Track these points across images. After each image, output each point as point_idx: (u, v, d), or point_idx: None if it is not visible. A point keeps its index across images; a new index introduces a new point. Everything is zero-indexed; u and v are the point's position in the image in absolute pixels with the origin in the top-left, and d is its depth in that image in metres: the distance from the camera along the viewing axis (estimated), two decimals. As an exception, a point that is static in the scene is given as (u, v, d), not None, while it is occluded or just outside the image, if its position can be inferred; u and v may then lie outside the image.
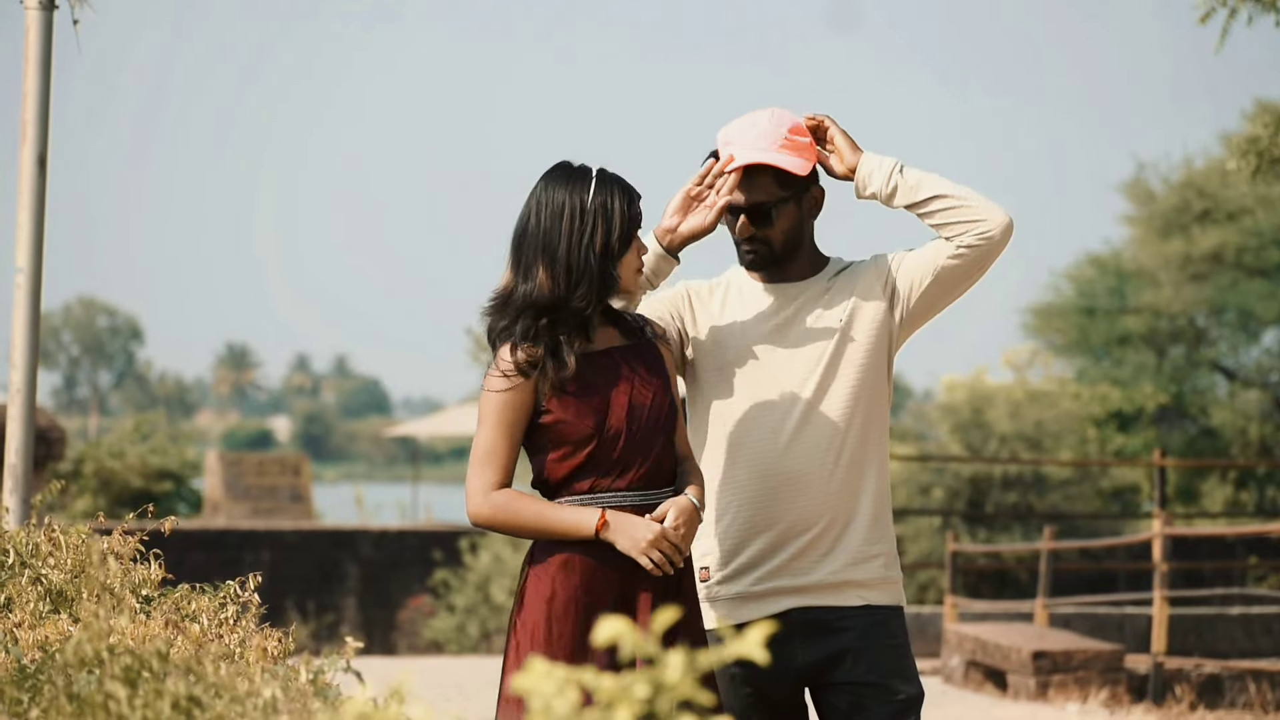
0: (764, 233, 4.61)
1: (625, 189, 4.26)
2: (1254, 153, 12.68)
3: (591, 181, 4.24)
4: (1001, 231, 4.57)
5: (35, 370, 6.30)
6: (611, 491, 4.23)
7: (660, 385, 4.30)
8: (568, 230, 4.19)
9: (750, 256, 4.64)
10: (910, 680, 4.59)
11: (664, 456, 4.30)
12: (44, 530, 4.43)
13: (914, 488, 21.57)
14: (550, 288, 4.19)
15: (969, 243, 4.57)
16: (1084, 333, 31.18)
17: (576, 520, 4.19)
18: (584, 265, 4.19)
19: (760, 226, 4.60)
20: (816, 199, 4.68)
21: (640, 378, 4.29)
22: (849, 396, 4.61)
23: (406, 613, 21.49)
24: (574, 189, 4.23)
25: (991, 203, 4.59)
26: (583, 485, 4.24)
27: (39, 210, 6.28)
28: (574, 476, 4.25)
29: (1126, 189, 31.26)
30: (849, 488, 4.60)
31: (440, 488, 67.94)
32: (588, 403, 4.22)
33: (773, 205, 4.59)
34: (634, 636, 2.07)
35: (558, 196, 4.22)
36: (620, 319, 4.34)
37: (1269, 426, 29.82)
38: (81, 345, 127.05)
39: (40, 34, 6.33)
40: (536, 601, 4.21)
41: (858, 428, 4.62)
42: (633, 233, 4.26)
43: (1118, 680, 12.82)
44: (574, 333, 4.20)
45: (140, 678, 3.04)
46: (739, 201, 4.59)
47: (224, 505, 26.74)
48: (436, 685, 14.07)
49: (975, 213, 4.56)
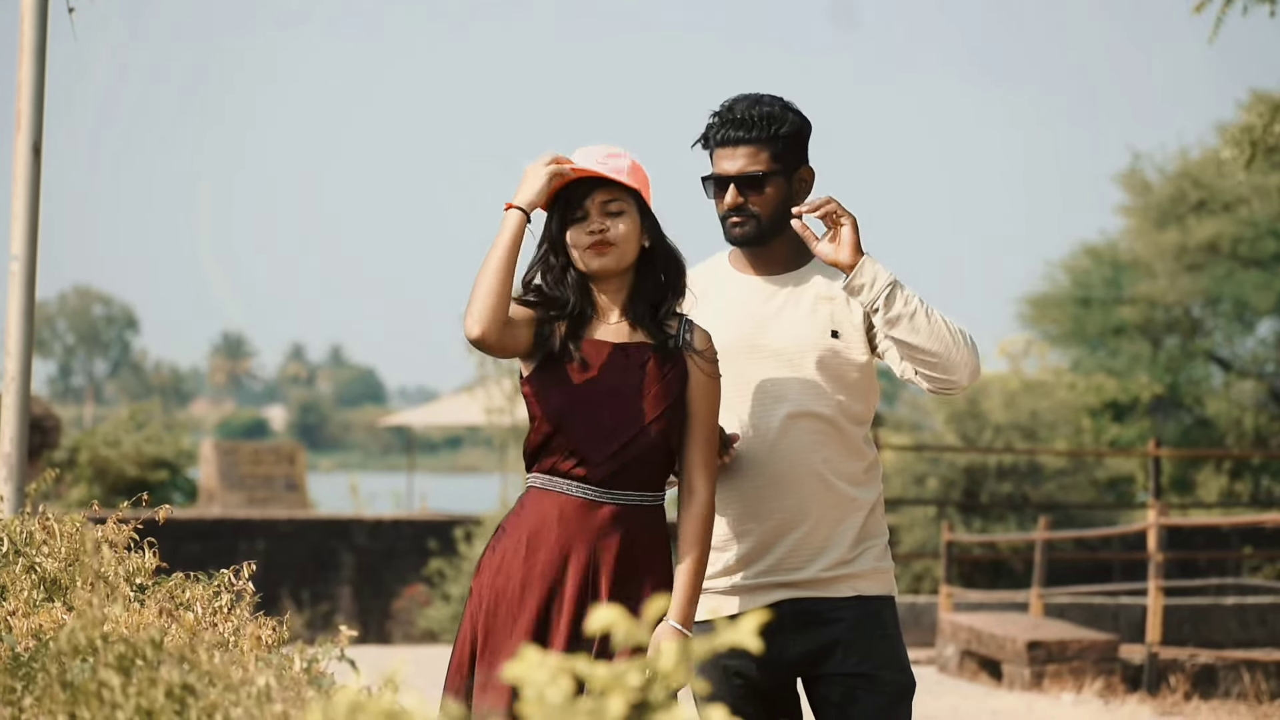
0: (753, 202, 4.58)
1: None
2: (1249, 142, 12.68)
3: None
4: (965, 385, 4.55)
5: (30, 359, 6.30)
6: (570, 478, 4.22)
7: (660, 391, 4.26)
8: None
9: (736, 230, 4.59)
10: (902, 670, 4.59)
11: (651, 464, 4.24)
12: (38, 519, 4.43)
13: (909, 477, 21.57)
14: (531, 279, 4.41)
15: (928, 387, 4.57)
16: (1079, 323, 31.18)
17: (504, 227, 4.21)
18: (535, 255, 4.38)
19: (749, 194, 4.57)
20: (805, 180, 4.64)
21: (639, 378, 4.26)
22: (835, 392, 4.60)
23: (401, 602, 21.49)
24: None
25: (963, 354, 4.49)
26: (545, 464, 4.26)
27: (34, 199, 6.27)
28: (539, 452, 4.27)
29: (1122, 179, 31.25)
30: (840, 487, 4.59)
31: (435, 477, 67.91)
32: (563, 384, 4.24)
33: (764, 175, 4.57)
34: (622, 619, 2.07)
35: None
36: (654, 319, 4.33)
37: (1264, 417, 29.82)
38: (77, 334, 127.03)
39: (35, 22, 6.32)
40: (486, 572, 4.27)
41: (845, 422, 4.61)
42: (562, 220, 4.34)
43: (1112, 670, 12.83)
44: (560, 317, 4.29)
45: (134, 666, 3.04)
46: (728, 171, 4.58)
47: (219, 494, 26.72)
48: (431, 674, 14.03)
49: (945, 369, 4.50)
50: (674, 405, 4.26)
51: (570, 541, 4.20)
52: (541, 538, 4.21)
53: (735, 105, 4.60)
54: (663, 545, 4.29)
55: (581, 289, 4.31)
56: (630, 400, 4.23)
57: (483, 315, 4.11)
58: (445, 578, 21.25)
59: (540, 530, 4.21)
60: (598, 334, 4.30)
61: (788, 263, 4.65)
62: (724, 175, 4.57)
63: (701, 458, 4.30)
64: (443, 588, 21.22)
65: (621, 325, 4.31)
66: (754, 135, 4.55)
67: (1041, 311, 31.79)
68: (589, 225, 4.28)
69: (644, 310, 4.32)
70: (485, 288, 4.13)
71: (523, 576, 4.19)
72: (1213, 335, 31.71)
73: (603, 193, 4.28)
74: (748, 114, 4.56)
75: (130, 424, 25.32)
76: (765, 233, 4.59)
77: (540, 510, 4.23)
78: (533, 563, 4.20)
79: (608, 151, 4.30)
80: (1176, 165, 30.63)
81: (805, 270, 4.65)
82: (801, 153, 4.62)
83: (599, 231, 4.26)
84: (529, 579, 4.19)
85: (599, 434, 4.21)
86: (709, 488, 4.31)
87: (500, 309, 4.13)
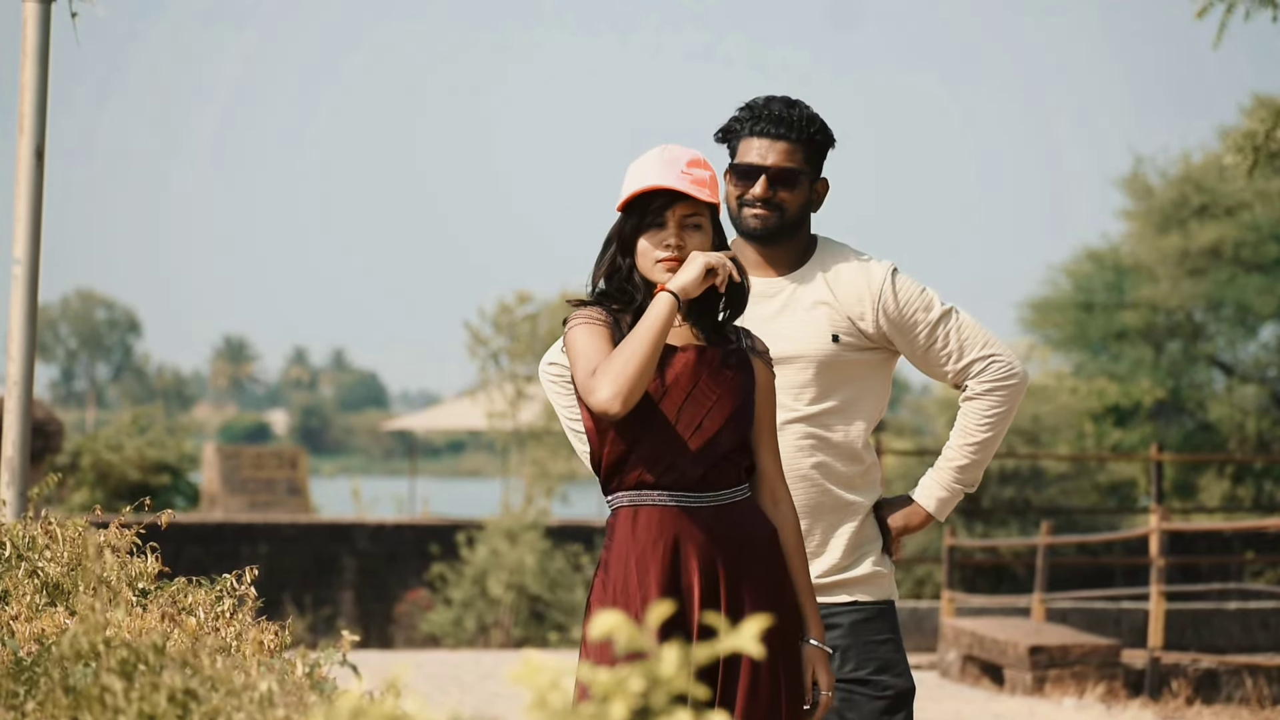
0: (783, 196, 4.60)
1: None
2: (1251, 147, 12.66)
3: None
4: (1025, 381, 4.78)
5: (33, 363, 6.30)
6: (660, 488, 4.08)
7: (734, 390, 4.14)
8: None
9: (757, 220, 4.62)
10: (901, 675, 4.60)
11: (735, 461, 4.13)
12: (41, 523, 4.43)
13: (910, 482, 21.51)
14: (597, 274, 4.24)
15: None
16: (1081, 327, 31.19)
17: (656, 309, 4.04)
18: (600, 255, 4.22)
19: (779, 188, 4.60)
20: (820, 191, 4.70)
21: (713, 378, 4.14)
22: (832, 396, 4.60)
23: (403, 606, 21.49)
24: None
25: (1017, 400, 4.72)
26: (630, 479, 4.10)
27: (36, 202, 6.28)
28: (620, 467, 4.11)
29: (1125, 184, 31.27)
30: (831, 490, 4.60)
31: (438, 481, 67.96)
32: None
33: (797, 172, 4.61)
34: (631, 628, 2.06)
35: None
36: (715, 325, 4.21)
37: (1266, 421, 29.82)
38: (79, 338, 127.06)
39: (38, 26, 6.33)
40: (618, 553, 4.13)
41: (841, 426, 4.61)
42: (637, 225, 4.17)
43: (1114, 675, 12.83)
44: (624, 313, 4.16)
45: (136, 671, 3.04)
46: (763, 162, 4.61)
47: (221, 498, 26.73)
48: (433, 679, 14.07)
49: (1010, 417, 4.76)
50: (745, 406, 4.15)
51: (679, 548, 4.07)
52: (649, 556, 4.07)
53: (771, 103, 4.65)
54: (768, 529, 4.17)
55: (647, 290, 4.17)
56: (707, 400, 4.11)
57: (629, 395, 3.98)
58: (447, 582, 21.25)
59: (645, 550, 4.08)
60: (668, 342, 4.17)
61: (791, 265, 4.67)
62: (759, 165, 4.60)
63: (776, 465, 4.21)
64: (445, 592, 21.22)
65: (683, 329, 4.19)
66: (793, 134, 4.61)
67: (1043, 316, 31.81)
68: (665, 237, 4.13)
69: (705, 319, 4.20)
70: (635, 368, 3.97)
71: (641, 600, 4.06)
72: (1215, 340, 31.71)
73: (685, 205, 4.13)
74: (786, 113, 4.62)
75: (132, 428, 25.32)
76: (785, 228, 4.63)
77: (638, 529, 4.09)
78: (648, 584, 4.06)
79: (690, 158, 4.16)
80: (1179, 169, 30.64)
81: (805, 271, 4.66)
82: (822, 163, 4.69)
83: (675, 248, 4.13)
84: (649, 601, 4.06)
85: (684, 436, 4.08)
86: (789, 493, 4.23)
87: (643, 388, 4.01)
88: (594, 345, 4.07)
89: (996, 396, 4.66)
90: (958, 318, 4.66)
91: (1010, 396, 4.67)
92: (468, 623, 20.92)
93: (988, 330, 4.72)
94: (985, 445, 4.67)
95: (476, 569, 21.00)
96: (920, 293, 4.64)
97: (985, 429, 4.66)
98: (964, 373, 4.67)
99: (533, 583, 20.90)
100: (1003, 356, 4.68)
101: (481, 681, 14.03)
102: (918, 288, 4.65)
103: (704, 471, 4.08)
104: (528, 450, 23.00)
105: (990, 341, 4.69)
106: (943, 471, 4.70)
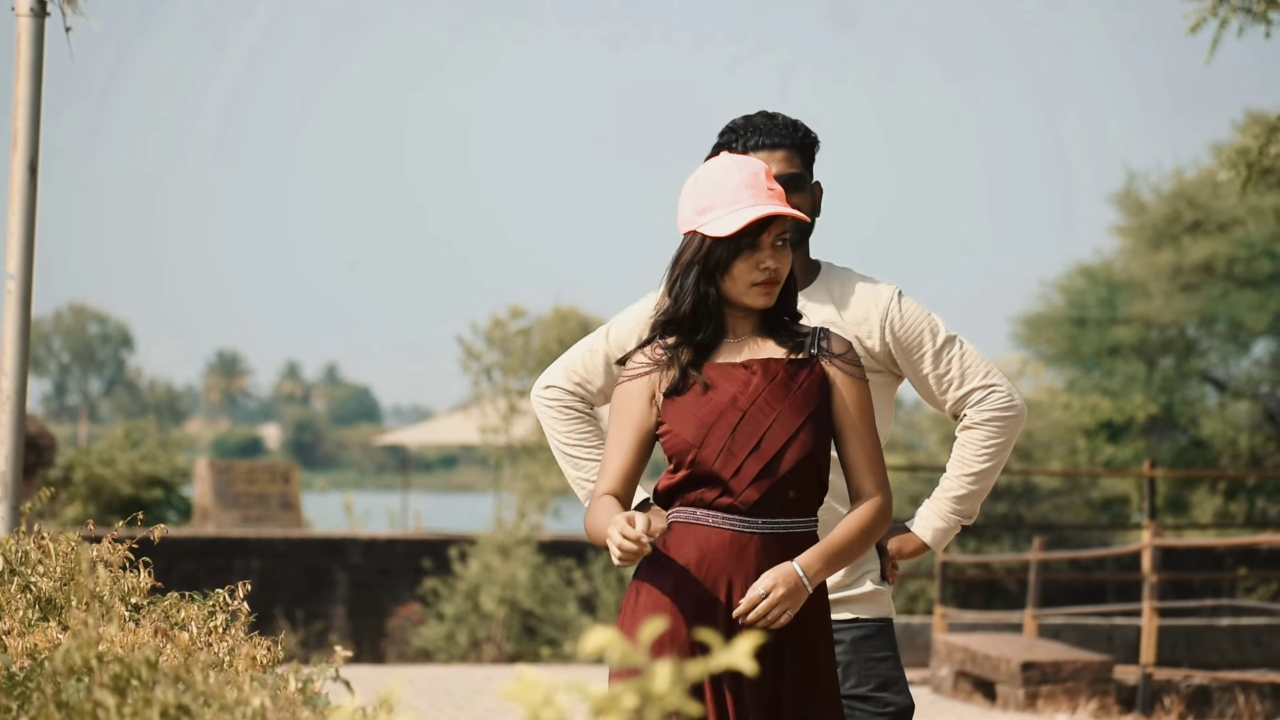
0: (795, 203, 4.56)
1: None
2: (1244, 164, 12.69)
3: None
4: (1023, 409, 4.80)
5: (25, 377, 6.30)
6: (714, 509, 3.94)
7: (798, 403, 3.98)
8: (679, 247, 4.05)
9: None
10: (901, 692, 4.60)
11: (799, 483, 3.97)
12: (33, 538, 4.43)
13: (904, 498, 21.56)
14: (666, 305, 4.04)
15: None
16: (1074, 343, 31.23)
17: (594, 523, 3.96)
18: (678, 281, 4.02)
19: (791, 195, 4.56)
20: (817, 193, 4.71)
21: (773, 393, 3.98)
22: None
23: (396, 621, 21.48)
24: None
25: (1016, 429, 4.73)
26: (689, 497, 3.96)
27: (30, 217, 6.29)
28: (677, 491, 3.98)
29: (1117, 199, 31.32)
30: (835, 508, 4.60)
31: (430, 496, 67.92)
32: (694, 414, 3.96)
33: (802, 176, 4.62)
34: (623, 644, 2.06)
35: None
36: (786, 330, 4.07)
37: (1259, 437, 29.85)
38: (72, 352, 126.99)
39: (32, 41, 6.33)
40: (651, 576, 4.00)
41: None
42: (733, 249, 3.98)
43: (1106, 691, 12.83)
44: (685, 344, 4.00)
45: (129, 686, 3.04)
46: None
47: (214, 513, 26.70)
48: (426, 694, 14.07)
49: (1009, 449, 4.76)
50: (815, 416, 4.00)
51: (720, 577, 3.93)
52: (688, 579, 3.94)
53: (752, 118, 4.65)
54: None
55: (718, 315, 4.02)
56: (766, 417, 3.96)
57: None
58: (440, 597, 21.24)
59: (685, 571, 3.94)
60: (720, 357, 4.04)
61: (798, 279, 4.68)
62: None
63: (866, 462, 4.05)
64: (437, 607, 21.21)
65: (744, 342, 4.05)
66: (788, 140, 4.62)
67: (1036, 331, 31.85)
68: (761, 260, 3.97)
69: (774, 325, 4.07)
70: (588, 521, 4.00)
71: (673, 613, 3.91)
72: (1208, 356, 31.76)
73: (778, 225, 3.98)
74: (772, 123, 4.63)
75: (125, 442, 25.30)
76: (800, 237, 4.63)
77: (682, 549, 3.94)
78: (683, 604, 3.93)
79: (765, 169, 4.04)
80: (1172, 185, 30.70)
81: (811, 291, 4.67)
82: (814, 165, 4.70)
83: (772, 270, 3.98)
84: (678, 618, 3.91)
85: (740, 455, 3.93)
86: (881, 489, 4.06)
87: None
88: (613, 433, 4.02)
89: (995, 426, 4.67)
90: (962, 346, 4.67)
91: (1008, 427, 4.68)
92: (460, 638, 20.91)
93: (990, 361, 4.74)
94: (983, 476, 4.68)
95: (469, 584, 21.00)
96: (926, 316, 4.65)
97: (983, 459, 4.67)
98: (963, 401, 4.68)
99: (525, 598, 20.90)
100: (1003, 387, 4.69)
101: (474, 697, 14.02)
102: (924, 311, 4.66)
103: (760, 495, 3.93)
104: (520, 465, 22.99)
105: (992, 372, 4.70)
106: (939, 502, 4.70)
